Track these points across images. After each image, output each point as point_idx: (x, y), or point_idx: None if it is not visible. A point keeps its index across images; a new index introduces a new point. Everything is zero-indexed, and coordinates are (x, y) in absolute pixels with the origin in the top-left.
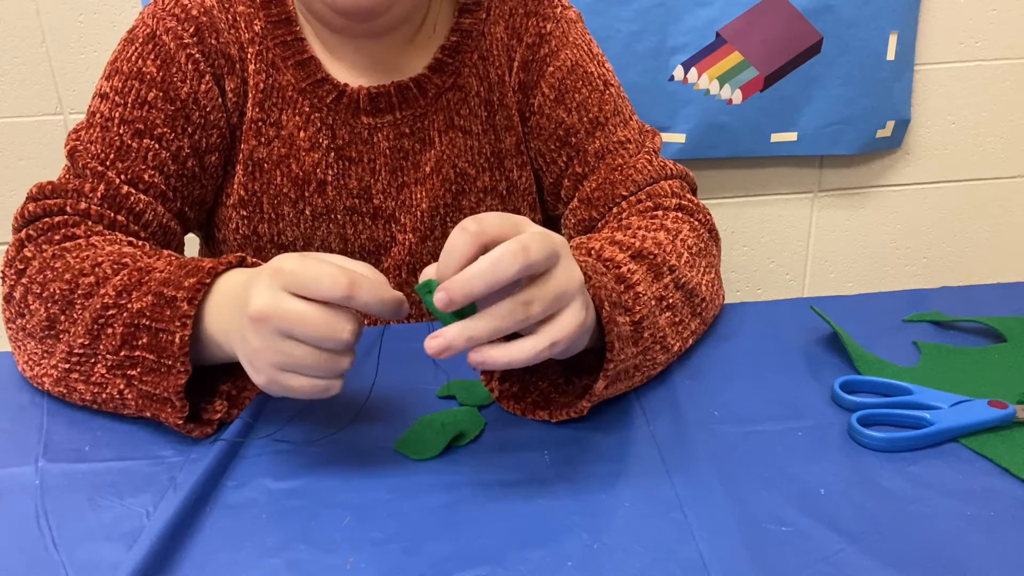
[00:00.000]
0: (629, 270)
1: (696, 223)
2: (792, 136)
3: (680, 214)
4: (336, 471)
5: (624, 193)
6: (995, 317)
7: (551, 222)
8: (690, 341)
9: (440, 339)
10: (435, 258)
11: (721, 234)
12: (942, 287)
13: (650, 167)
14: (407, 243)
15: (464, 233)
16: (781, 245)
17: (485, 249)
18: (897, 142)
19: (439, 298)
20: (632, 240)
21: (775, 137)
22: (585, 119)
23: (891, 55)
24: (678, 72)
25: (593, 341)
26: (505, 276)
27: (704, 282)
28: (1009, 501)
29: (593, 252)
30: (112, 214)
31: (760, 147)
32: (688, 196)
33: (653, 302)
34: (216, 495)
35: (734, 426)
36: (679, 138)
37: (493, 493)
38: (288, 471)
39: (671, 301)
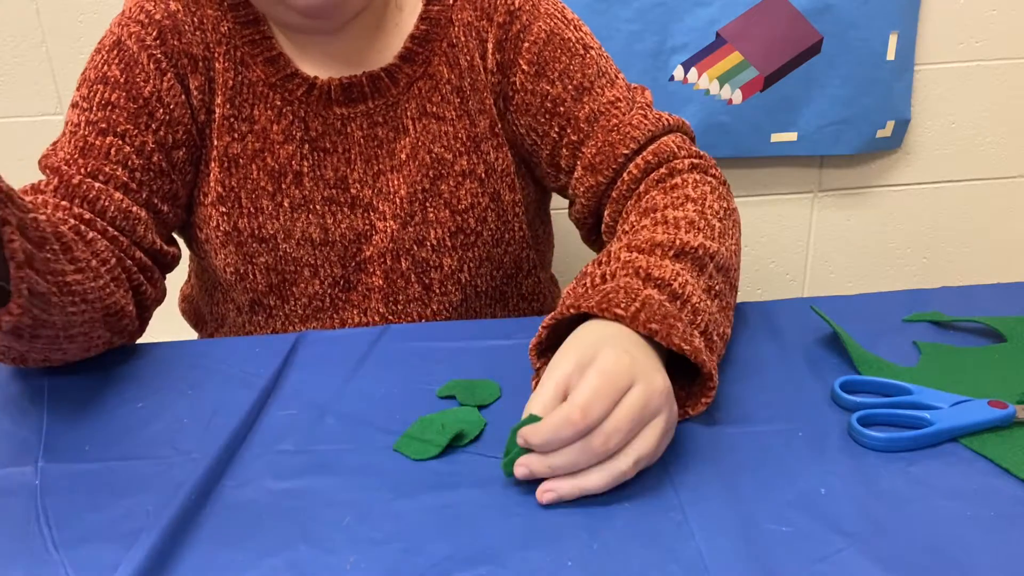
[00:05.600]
0: (681, 283)
1: (714, 181)
2: (792, 136)
3: (697, 175)
4: (336, 471)
5: (626, 152)
6: (995, 317)
7: (544, 196)
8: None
9: (523, 468)
10: (417, 244)
11: None
12: (942, 287)
13: (646, 121)
14: (388, 230)
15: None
16: (781, 245)
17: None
18: (897, 142)
19: (520, 473)
20: (669, 235)
21: (775, 137)
22: (570, 86)
23: (891, 55)
24: (678, 72)
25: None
26: (571, 436)
27: (734, 249)
28: (1009, 501)
29: (641, 273)
30: (66, 204)
31: (760, 147)
32: (695, 150)
33: (707, 300)
34: (216, 495)
35: (734, 426)
36: None
37: (493, 493)
38: (288, 471)
39: (718, 288)
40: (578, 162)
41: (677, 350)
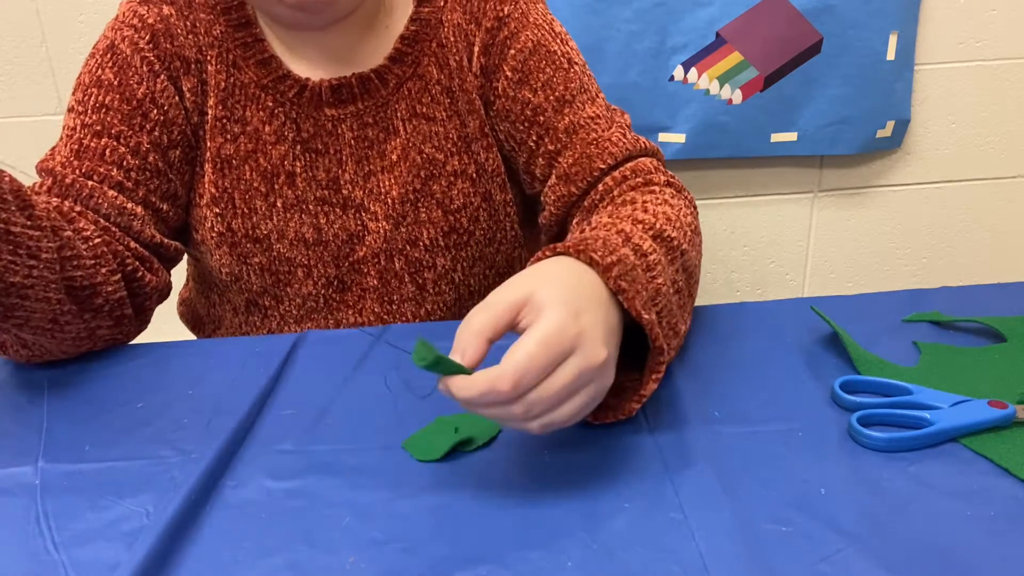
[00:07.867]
0: (655, 259)
1: (687, 202)
2: (792, 136)
3: (674, 191)
4: (336, 471)
5: (602, 166)
6: (995, 317)
7: (526, 201)
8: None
9: (444, 388)
10: (410, 244)
11: (721, 234)
12: (942, 287)
13: (625, 140)
14: (381, 231)
15: (470, 335)
16: (781, 245)
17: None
18: (897, 142)
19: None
20: (649, 218)
21: (775, 137)
22: (552, 97)
23: (891, 55)
24: (678, 72)
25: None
26: (496, 401)
27: (697, 262)
28: (1009, 501)
29: (623, 235)
30: (58, 202)
31: (760, 147)
32: (670, 174)
33: (671, 290)
34: (216, 495)
35: (734, 426)
36: (679, 138)
37: (493, 493)
38: (288, 471)
39: (680, 285)
40: (553, 171)
41: (636, 316)
